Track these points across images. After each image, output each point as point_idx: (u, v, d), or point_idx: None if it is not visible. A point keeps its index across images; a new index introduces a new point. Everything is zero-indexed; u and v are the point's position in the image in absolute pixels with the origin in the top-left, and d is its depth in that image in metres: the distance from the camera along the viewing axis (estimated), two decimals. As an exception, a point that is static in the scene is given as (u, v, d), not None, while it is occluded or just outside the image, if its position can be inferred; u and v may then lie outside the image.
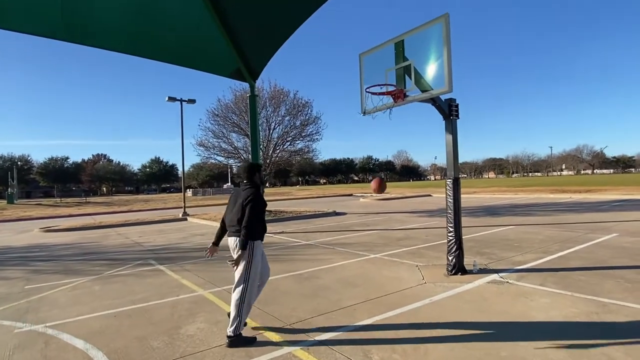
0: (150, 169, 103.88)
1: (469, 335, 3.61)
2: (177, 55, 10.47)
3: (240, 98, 17.27)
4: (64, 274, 7.21)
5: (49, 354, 3.59)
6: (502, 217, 13.27)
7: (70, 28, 7.73)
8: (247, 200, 3.68)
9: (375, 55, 5.88)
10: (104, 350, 3.60)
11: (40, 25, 7.53)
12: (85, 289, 6.01)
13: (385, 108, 5.62)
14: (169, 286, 5.91)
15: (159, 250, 9.58)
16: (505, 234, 9.56)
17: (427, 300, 4.65)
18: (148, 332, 4.02)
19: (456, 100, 5.79)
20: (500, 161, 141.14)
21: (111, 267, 7.66)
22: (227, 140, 18.03)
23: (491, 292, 4.87)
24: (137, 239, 11.99)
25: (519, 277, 5.54)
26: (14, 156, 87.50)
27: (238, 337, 3.59)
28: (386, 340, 3.58)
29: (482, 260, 6.61)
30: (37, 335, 4.09)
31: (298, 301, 4.86)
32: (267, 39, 9.64)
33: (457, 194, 5.84)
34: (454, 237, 5.81)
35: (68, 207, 34.79)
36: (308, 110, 18.37)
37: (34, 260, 8.89)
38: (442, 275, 5.77)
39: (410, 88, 5.45)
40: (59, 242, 12.23)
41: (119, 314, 4.69)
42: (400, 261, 6.93)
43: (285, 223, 14.69)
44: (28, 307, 5.15)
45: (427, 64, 5.24)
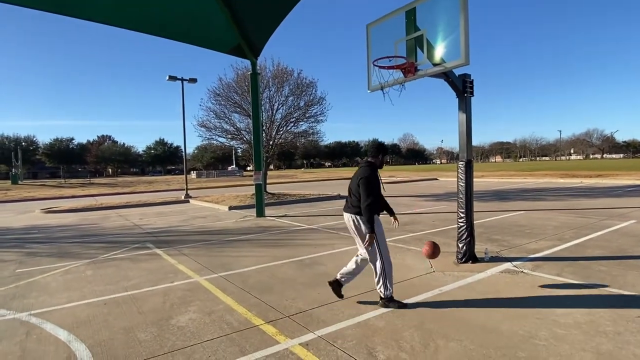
0: (155, 150, 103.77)
1: (483, 332, 3.29)
2: (174, 30, 10.00)
3: (242, 77, 16.75)
4: (58, 257, 6.99)
5: (28, 345, 3.33)
6: (512, 202, 12.88)
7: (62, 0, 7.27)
8: (359, 179, 3.88)
9: (384, 25, 5.40)
10: (87, 343, 3.34)
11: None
12: (78, 273, 5.76)
13: (394, 83, 5.19)
14: (164, 272, 5.65)
15: (158, 233, 9.34)
16: (516, 219, 9.20)
17: (436, 291, 4.33)
18: (136, 323, 3.75)
19: (471, 76, 5.34)
20: (508, 145, 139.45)
21: (107, 250, 7.42)
22: (228, 121, 17.60)
23: (505, 283, 4.55)
24: (137, 221, 11.78)
25: (534, 266, 5.20)
26: (19, 137, 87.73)
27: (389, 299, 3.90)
28: (392, 335, 3.28)
29: (494, 248, 6.27)
30: (19, 324, 3.84)
31: (298, 290, 4.57)
32: (268, 11, 9.11)
33: (469, 177, 5.46)
34: (465, 223, 5.45)
35: (72, 188, 34.76)
36: (312, 90, 17.82)
37: (31, 242, 8.68)
38: (451, 263, 5.45)
39: (422, 61, 5.00)
40: (58, 223, 12.04)
41: (108, 301, 4.43)
42: (406, 247, 6.61)
43: (288, 206, 14.40)
44: (15, 292, 4.91)
45: (441, 34, 4.77)
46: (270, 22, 9.72)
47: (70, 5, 8.08)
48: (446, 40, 4.77)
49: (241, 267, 5.71)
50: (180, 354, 3.09)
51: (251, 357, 2.99)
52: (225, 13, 8.98)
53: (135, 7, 8.66)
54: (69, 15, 8.56)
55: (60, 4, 7.87)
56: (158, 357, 3.04)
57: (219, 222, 10.76)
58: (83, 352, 3.18)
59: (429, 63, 5.01)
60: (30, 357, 3.13)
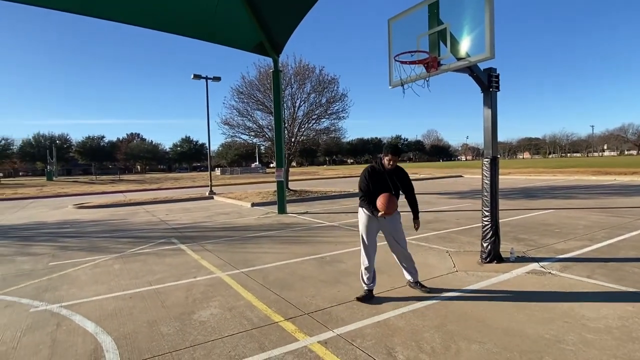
0: (181, 147, 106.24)
1: (507, 335, 3.19)
2: (200, 30, 10.17)
3: (265, 75, 16.85)
4: (89, 251, 7.26)
5: (58, 337, 3.47)
6: (540, 200, 12.45)
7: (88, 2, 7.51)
8: None
9: (406, 20, 5.30)
10: (113, 335, 3.45)
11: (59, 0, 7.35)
12: (106, 267, 5.97)
13: (417, 79, 5.08)
14: (187, 267, 5.77)
15: (183, 228, 9.55)
16: (544, 218, 8.89)
17: (458, 291, 4.23)
18: (160, 317, 3.84)
19: (497, 70, 5.17)
20: (537, 141, 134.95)
21: (134, 245, 7.65)
22: (251, 119, 17.75)
23: (531, 284, 4.40)
24: (163, 217, 12.08)
25: (562, 267, 5.01)
26: (53, 135, 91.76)
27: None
28: (412, 336, 3.23)
29: (520, 248, 6.08)
30: (50, 315, 4.01)
31: (318, 287, 4.57)
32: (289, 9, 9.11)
33: (494, 174, 5.30)
34: (490, 221, 5.30)
35: (102, 185, 36.05)
36: (334, 87, 17.73)
37: (63, 237, 9.06)
38: (475, 263, 5.31)
39: (445, 55, 4.88)
40: (89, 218, 12.51)
41: (134, 295, 4.57)
42: (428, 246, 6.50)
43: (309, 203, 14.44)
44: (48, 285, 5.13)
45: (465, 27, 4.63)
46: (291, 19, 9.72)
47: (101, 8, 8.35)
48: (470, 34, 4.63)
49: (262, 264, 5.77)
50: (202, 348, 3.15)
51: (270, 354, 3.01)
52: (248, 12, 9.06)
53: (164, 8, 8.85)
54: (100, 18, 8.83)
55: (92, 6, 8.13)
56: (180, 351, 3.11)
57: (241, 219, 10.91)
58: (109, 344, 3.28)
59: (453, 57, 4.88)
60: (60, 348, 3.26)
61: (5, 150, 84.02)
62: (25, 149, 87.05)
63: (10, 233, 9.90)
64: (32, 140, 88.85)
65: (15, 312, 4.14)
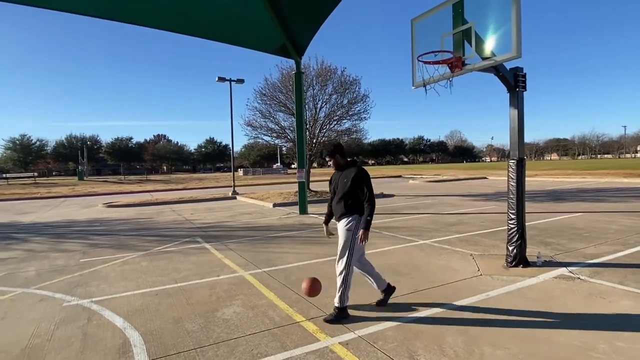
0: (206, 148, 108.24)
1: (534, 341, 3.11)
2: (223, 33, 10.36)
3: (287, 76, 17.00)
4: (117, 248, 7.51)
5: (89, 330, 3.62)
6: (568, 203, 12.04)
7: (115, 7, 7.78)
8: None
9: (430, 19, 5.24)
10: (141, 330, 3.56)
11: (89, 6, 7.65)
12: (134, 264, 6.16)
13: (440, 79, 5.02)
14: (211, 265, 5.89)
15: (207, 228, 9.75)
16: (573, 221, 8.59)
17: (483, 296, 4.15)
18: (185, 314, 3.94)
19: (523, 70, 5.05)
20: (565, 142, 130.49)
21: (161, 243, 7.86)
22: (273, 120, 17.95)
23: (559, 289, 4.27)
24: (188, 216, 12.36)
25: (592, 272, 4.83)
26: (85, 136, 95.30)
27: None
28: (435, 339, 3.19)
29: (547, 252, 5.90)
30: (82, 310, 4.18)
31: (339, 288, 4.57)
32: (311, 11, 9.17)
33: (520, 176, 5.17)
34: (516, 224, 5.18)
35: (130, 184, 37.17)
36: (356, 87, 17.71)
37: (93, 234, 9.40)
38: (500, 267, 5.20)
39: (470, 55, 4.80)
40: (117, 217, 12.94)
41: (160, 292, 4.70)
42: (452, 249, 6.40)
43: (331, 204, 14.42)
44: (80, 280, 5.34)
45: (491, 26, 4.55)
46: (313, 21, 9.78)
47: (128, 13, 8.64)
48: (496, 33, 4.54)
49: (284, 264, 5.82)
50: (225, 345, 3.21)
51: (292, 353, 3.04)
52: (271, 15, 9.17)
53: (189, 13, 9.07)
54: (128, 22, 9.13)
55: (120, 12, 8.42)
56: (204, 348, 3.18)
57: (263, 219, 11.03)
58: (137, 339, 3.39)
59: (478, 57, 4.80)
60: (91, 341, 3.39)
61: (40, 150, 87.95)
62: (59, 150, 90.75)
63: (45, 230, 10.35)
64: (64, 142, 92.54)
65: (50, 306, 4.33)
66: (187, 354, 3.09)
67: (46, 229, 10.68)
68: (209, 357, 3.03)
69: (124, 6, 8.12)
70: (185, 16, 9.25)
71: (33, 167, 79.21)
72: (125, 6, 8.28)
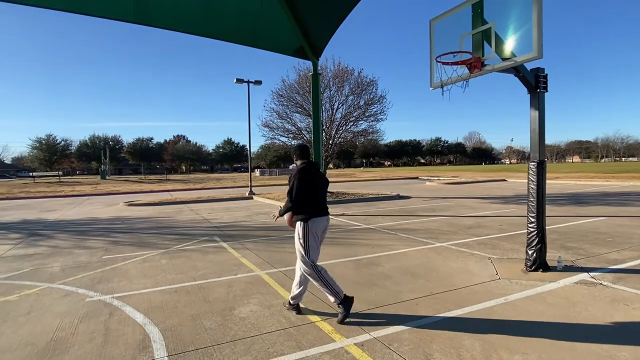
0: (223, 149, 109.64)
1: (553, 347, 3.05)
2: (242, 35, 10.49)
3: (304, 78, 17.08)
4: (138, 246, 7.69)
5: (111, 325, 3.73)
6: (591, 207, 11.70)
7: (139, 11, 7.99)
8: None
9: (448, 20, 5.20)
10: (160, 327, 3.65)
11: (113, 9, 7.88)
12: (154, 262, 6.30)
13: (458, 80, 4.97)
14: (228, 264, 5.97)
15: (225, 227, 9.88)
16: (595, 225, 8.36)
17: (501, 300, 4.09)
18: (203, 311, 4.02)
19: (544, 70, 4.95)
20: (588, 144, 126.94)
21: (180, 241, 8.01)
22: (290, 121, 18.06)
23: (581, 295, 4.17)
24: (206, 215, 12.55)
25: (615, 278, 4.70)
26: (107, 136, 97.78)
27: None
28: (451, 343, 3.16)
29: (568, 256, 5.76)
30: (104, 305, 4.30)
31: (354, 289, 4.57)
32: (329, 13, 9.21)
33: (541, 179, 5.07)
34: (536, 228, 5.08)
35: (150, 184, 37.95)
36: (373, 88, 17.67)
37: (115, 232, 9.65)
38: (519, 271, 5.10)
39: (489, 56, 4.74)
40: (138, 215, 13.24)
41: (179, 289, 4.80)
42: (469, 252, 6.32)
43: (346, 205, 14.44)
44: (102, 276, 5.50)
45: (511, 26, 4.48)
46: (330, 23, 9.81)
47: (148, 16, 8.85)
48: (516, 33, 4.47)
49: (300, 264, 5.85)
50: (242, 343, 3.26)
51: (307, 353, 3.06)
52: (289, 17, 9.26)
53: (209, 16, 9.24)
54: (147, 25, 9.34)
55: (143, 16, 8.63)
56: (221, 345, 3.24)
57: (279, 219, 11.08)
58: (156, 335, 3.48)
59: (497, 57, 4.73)
60: (112, 336, 3.50)
61: (65, 150, 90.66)
62: (82, 150, 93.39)
63: (69, 228, 10.68)
64: (88, 142, 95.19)
65: (73, 301, 4.48)
66: (204, 351, 3.15)
67: (70, 226, 11.02)
68: (226, 354, 3.08)
69: (148, 10, 8.33)
70: (206, 20, 9.42)
71: (58, 166, 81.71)
72: (148, 10, 8.49)
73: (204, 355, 3.07)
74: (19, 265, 6.29)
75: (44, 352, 3.22)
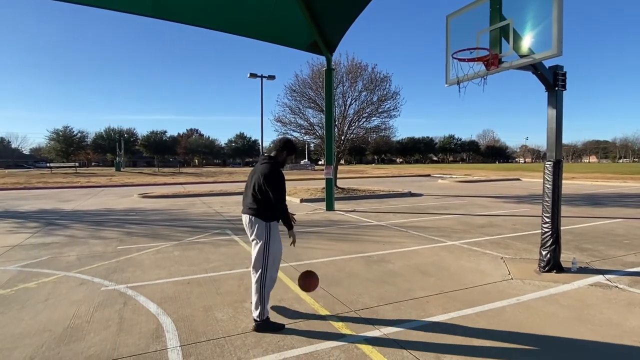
0: (236, 143, 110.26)
1: (568, 349, 3.02)
2: (256, 30, 10.52)
3: (318, 73, 17.03)
4: (152, 237, 7.81)
5: (125, 314, 3.81)
6: (607, 208, 11.47)
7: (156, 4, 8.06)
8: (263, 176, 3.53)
9: (466, 16, 5.12)
10: (173, 317, 3.72)
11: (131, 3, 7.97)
12: (167, 253, 6.40)
13: (475, 77, 4.91)
14: (240, 257, 6.03)
15: (236, 220, 9.96)
16: (612, 227, 8.20)
17: (513, 300, 4.06)
18: (215, 303, 4.08)
19: (563, 68, 4.85)
20: (605, 144, 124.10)
21: (192, 234, 8.12)
22: (303, 116, 18.05)
23: (595, 298, 4.10)
24: (218, 208, 12.68)
25: (631, 281, 4.61)
26: (122, 129, 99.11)
27: (264, 321, 3.41)
28: (462, 343, 3.15)
29: (583, 258, 5.67)
30: (118, 295, 4.40)
31: (365, 286, 4.59)
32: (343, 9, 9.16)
33: (557, 179, 4.99)
34: (550, 228, 5.01)
35: (164, 176, 38.44)
36: (386, 84, 17.52)
37: (129, 223, 9.82)
38: (532, 271, 5.04)
39: (507, 53, 4.66)
40: (152, 207, 13.44)
41: (191, 281, 4.87)
42: (481, 251, 6.26)
43: (357, 201, 14.42)
44: (117, 266, 5.61)
45: (530, 23, 4.40)
46: (345, 18, 9.77)
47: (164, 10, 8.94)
48: (535, 29, 4.38)
49: (310, 259, 5.88)
50: (252, 335, 3.30)
51: (317, 347, 3.09)
52: (303, 12, 9.24)
53: (225, 10, 9.29)
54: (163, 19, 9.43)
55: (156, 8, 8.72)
56: (232, 337, 3.28)
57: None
58: (169, 325, 3.54)
59: (515, 54, 4.65)
60: (126, 324, 3.57)
61: (81, 142, 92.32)
62: (98, 142, 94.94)
63: (85, 218, 10.90)
64: (103, 134, 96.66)
65: (89, 290, 4.58)
66: (216, 342, 3.20)
67: (86, 216, 11.24)
68: (237, 345, 3.13)
69: (165, 4, 8.42)
70: (222, 14, 9.47)
71: (74, 157, 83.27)
72: (165, 4, 8.59)
73: (216, 347, 3.12)
74: (37, 254, 6.45)
75: (61, 338, 3.31)
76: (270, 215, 3.53)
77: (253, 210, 3.53)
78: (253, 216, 3.53)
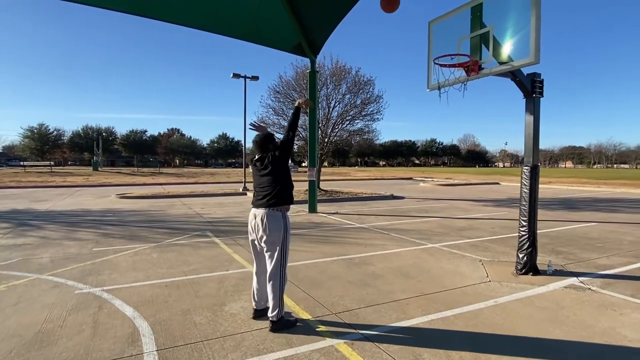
0: (218, 144, 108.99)
1: (542, 350, 3.08)
2: (241, 30, 10.43)
3: (302, 75, 17.02)
4: (129, 239, 7.63)
5: (100, 318, 3.70)
6: (582, 212, 11.84)
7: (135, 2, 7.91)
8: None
9: (448, 22, 5.21)
10: (149, 321, 3.63)
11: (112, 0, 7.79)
12: (145, 255, 6.26)
13: (455, 82, 4.99)
14: (220, 260, 5.95)
15: (217, 222, 9.84)
16: (586, 231, 8.45)
17: (490, 302, 4.13)
18: (193, 306, 4.00)
19: (541, 75, 4.98)
20: (581, 150, 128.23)
21: (171, 235, 7.96)
22: (286, 118, 17.99)
23: (569, 300, 4.21)
24: (199, 210, 12.49)
25: (604, 283, 4.76)
26: (100, 128, 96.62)
27: (280, 320, 3.44)
28: (441, 344, 3.18)
29: (558, 261, 5.82)
30: (93, 298, 4.27)
31: (346, 288, 4.59)
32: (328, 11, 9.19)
33: (534, 183, 5.11)
34: (527, 232, 5.12)
35: (143, 176, 37.66)
36: (370, 88, 17.66)
37: (106, 224, 9.57)
38: (509, 273, 5.15)
39: (487, 59, 4.76)
40: (130, 208, 13.14)
41: (170, 284, 4.77)
42: (461, 254, 6.36)
43: (340, 204, 14.45)
44: (92, 268, 5.45)
45: (509, 31, 4.50)
46: (329, 20, 9.80)
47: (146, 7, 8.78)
48: (514, 37, 4.49)
49: (291, 261, 5.82)
50: (231, 339, 3.25)
51: (297, 350, 3.06)
52: (288, 13, 9.23)
53: (207, 9, 9.17)
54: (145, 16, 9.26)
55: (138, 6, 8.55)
56: (211, 341, 3.23)
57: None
58: (145, 329, 3.46)
59: (495, 61, 4.75)
60: (101, 329, 3.47)
61: (57, 140, 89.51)
62: (75, 140, 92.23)
63: (59, 218, 10.57)
64: (80, 132, 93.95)
65: (62, 293, 4.43)
66: (194, 346, 3.14)
67: (60, 217, 10.90)
68: (216, 349, 3.08)
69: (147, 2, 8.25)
70: (205, 13, 9.36)
71: (49, 156, 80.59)
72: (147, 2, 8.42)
73: (194, 351, 3.06)
74: (8, 256, 6.22)
75: (31, 344, 3.18)
76: (287, 195, 3.53)
77: (270, 199, 3.45)
78: (270, 208, 3.45)
